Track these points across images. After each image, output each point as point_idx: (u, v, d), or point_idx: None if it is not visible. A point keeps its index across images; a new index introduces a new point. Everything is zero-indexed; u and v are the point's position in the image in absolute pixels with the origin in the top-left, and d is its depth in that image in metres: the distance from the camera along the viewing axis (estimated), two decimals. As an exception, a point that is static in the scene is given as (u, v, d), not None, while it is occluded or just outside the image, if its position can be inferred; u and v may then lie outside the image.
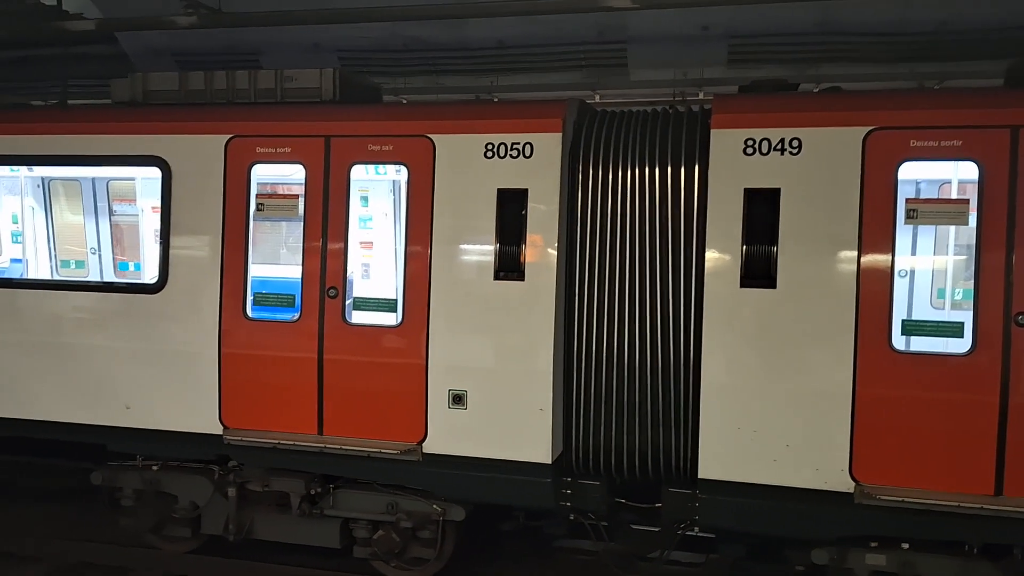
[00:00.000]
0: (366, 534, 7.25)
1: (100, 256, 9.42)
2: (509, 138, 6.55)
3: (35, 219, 9.24)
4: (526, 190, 6.51)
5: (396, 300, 6.87)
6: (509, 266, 6.53)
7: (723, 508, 6.19)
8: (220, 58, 9.70)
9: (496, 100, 9.78)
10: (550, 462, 6.49)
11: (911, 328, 5.86)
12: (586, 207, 6.57)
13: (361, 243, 7.65)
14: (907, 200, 5.82)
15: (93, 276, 9.19)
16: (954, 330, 5.73)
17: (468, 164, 6.63)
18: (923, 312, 6.56)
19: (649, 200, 6.44)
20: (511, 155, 6.54)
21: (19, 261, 9.22)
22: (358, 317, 6.96)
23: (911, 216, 5.79)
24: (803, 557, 6.37)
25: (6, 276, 8.35)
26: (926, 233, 6.39)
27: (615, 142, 6.60)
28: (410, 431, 6.73)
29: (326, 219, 6.91)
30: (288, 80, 7.67)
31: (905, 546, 6.07)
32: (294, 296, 7.02)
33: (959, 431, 5.68)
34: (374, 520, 7.18)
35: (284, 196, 7.16)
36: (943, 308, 6.61)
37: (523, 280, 6.50)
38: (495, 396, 6.58)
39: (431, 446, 6.70)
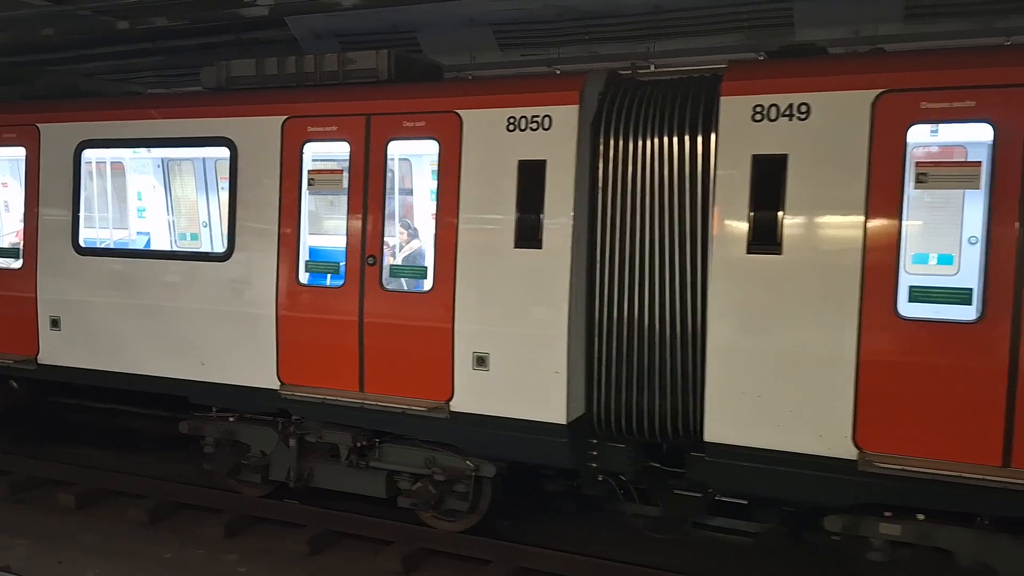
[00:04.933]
0: (409, 486, 7.79)
1: (211, 228, 10.41)
2: (530, 111, 6.81)
3: (156, 196, 10.35)
4: (545, 161, 6.76)
5: (427, 268, 7.30)
6: (528, 235, 6.81)
7: (729, 472, 6.26)
8: (379, 37, 9.85)
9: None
10: (565, 423, 6.75)
11: (918, 294, 5.69)
12: (607, 177, 6.76)
13: (398, 214, 8.08)
14: (917, 164, 5.65)
15: (205, 247, 10.18)
16: (962, 296, 5.54)
17: (492, 138, 6.94)
18: (931, 278, 6.28)
19: (663, 168, 6.55)
20: (531, 128, 6.80)
21: (145, 234, 10.38)
22: (394, 284, 7.46)
23: (921, 180, 5.62)
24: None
25: (102, 247, 9.36)
26: (936, 198, 6.13)
27: (632, 112, 6.73)
28: (439, 390, 7.17)
29: (366, 192, 7.43)
30: (349, 63, 8.22)
31: (921, 517, 5.95)
32: (339, 264, 7.60)
33: (965, 400, 5.51)
34: (416, 473, 7.71)
35: (331, 171, 7.72)
36: (951, 275, 6.34)
37: (540, 248, 6.77)
38: (515, 359, 6.90)
39: (457, 405, 7.12)
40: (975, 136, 5.63)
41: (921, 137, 5.81)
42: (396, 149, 7.45)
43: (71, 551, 7.71)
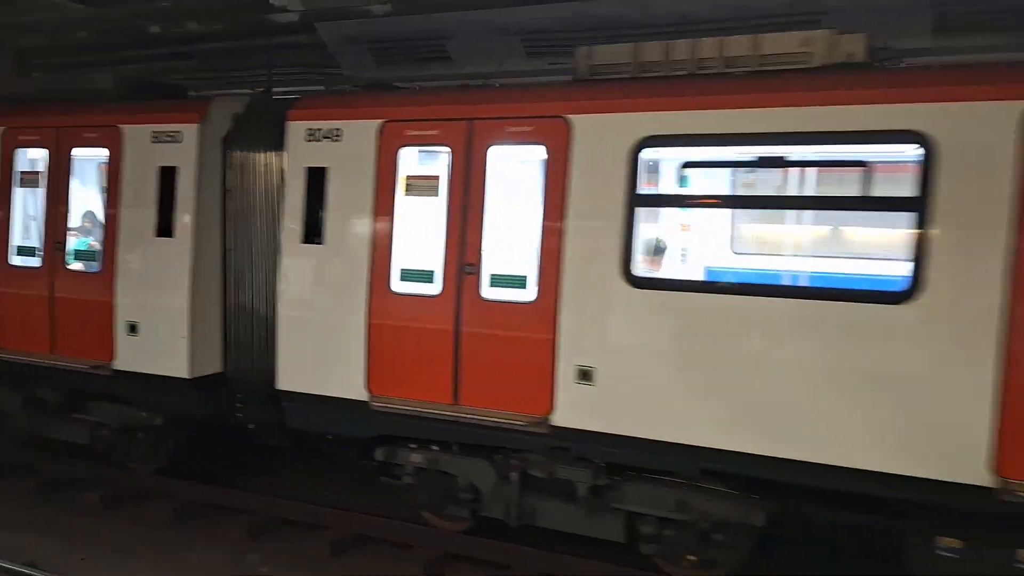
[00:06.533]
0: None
1: None
2: (168, 127, 8.54)
3: None
4: (176, 168, 8.49)
5: (98, 252, 9.00)
6: (165, 227, 8.54)
7: (295, 412, 8.03)
8: (410, 44, 10.14)
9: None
10: (189, 377, 8.48)
11: (405, 275, 7.49)
12: (231, 182, 8.52)
13: (81, 210, 9.64)
14: (407, 176, 7.45)
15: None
16: (427, 276, 7.35)
17: (143, 148, 8.66)
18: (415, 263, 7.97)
19: (264, 176, 8.33)
20: (168, 141, 8.53)
21: None
22: (76, 265, 9.17)
23: (408, 188, 7.42)
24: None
25: None
26: (422, 201, 7.83)
27: (252, 129, 8.48)
28: (104, 352, 8.86)
29: (55, 191, 9.15)
30: (98, 83, 9.81)
31: (435, 448, 7.72)
32: (36, 248, 9.33)
33: (431, 353, 7.31)
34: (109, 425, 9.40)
35: (31, 172, 9.42)
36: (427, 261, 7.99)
37: (172, 238, 8.50)
38: (157, 326, 8.62)
39: (118, 364, 8.82)
40: (442, 156, 7.39)
41: (411, 156, 7.58)
42: (77, 155, 9.16)
43: (95, 549, 7.99)
